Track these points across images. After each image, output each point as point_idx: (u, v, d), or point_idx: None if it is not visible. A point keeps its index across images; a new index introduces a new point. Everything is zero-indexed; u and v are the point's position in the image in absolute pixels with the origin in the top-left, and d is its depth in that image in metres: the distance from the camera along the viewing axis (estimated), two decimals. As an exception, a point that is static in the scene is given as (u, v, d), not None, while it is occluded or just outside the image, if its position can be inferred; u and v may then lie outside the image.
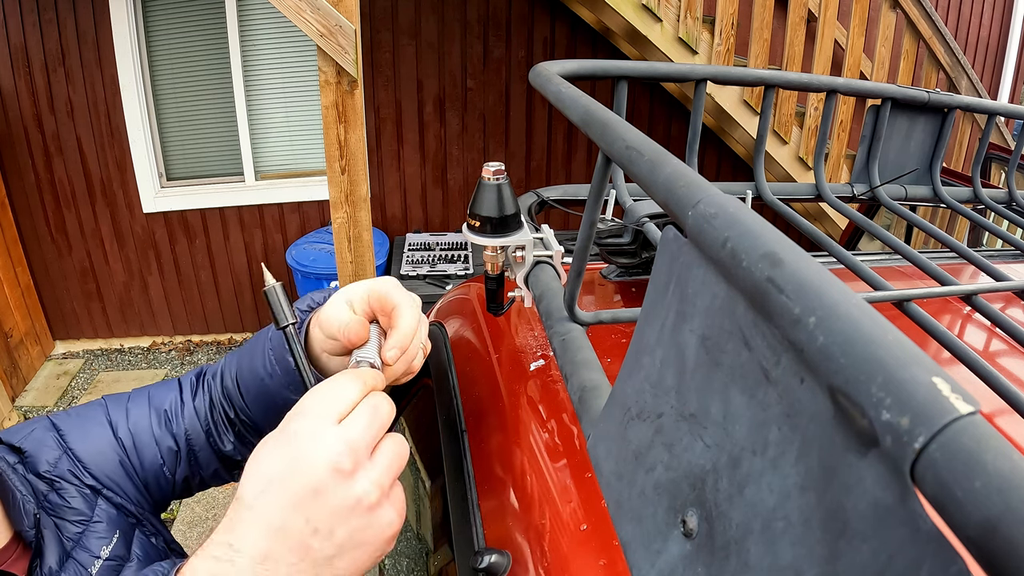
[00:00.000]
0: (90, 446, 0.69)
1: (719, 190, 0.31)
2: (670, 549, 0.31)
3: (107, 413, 0.72)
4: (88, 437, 0.69)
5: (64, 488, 0.66)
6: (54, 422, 0.70)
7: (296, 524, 0.45)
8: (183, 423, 0.72)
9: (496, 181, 0.61)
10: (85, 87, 3.76)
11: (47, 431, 0.69)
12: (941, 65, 3.56)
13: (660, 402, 0.34)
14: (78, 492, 0.66)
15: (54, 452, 0.67)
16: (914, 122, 0.88)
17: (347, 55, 2.32)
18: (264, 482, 0.46)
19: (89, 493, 0.67)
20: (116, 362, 4.29)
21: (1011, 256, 1.13)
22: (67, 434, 0.69)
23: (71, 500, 0.65)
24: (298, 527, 0.45)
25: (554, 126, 4.29)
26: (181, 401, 0.73)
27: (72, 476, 0.67)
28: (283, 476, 0.45)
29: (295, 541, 0.45)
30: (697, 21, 3.23)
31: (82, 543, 0.63)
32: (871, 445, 0.20)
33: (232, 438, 0.72)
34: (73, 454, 0.68)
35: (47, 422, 0.70)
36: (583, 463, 0.65)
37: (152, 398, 0.73)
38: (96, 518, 0.65)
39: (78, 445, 0.68)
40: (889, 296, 0.59)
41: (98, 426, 0.70)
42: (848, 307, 0.22)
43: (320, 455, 0.45)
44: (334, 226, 2.64)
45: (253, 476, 0.47)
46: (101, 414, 0.71)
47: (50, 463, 0.66)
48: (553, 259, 0.65)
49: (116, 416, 0.71)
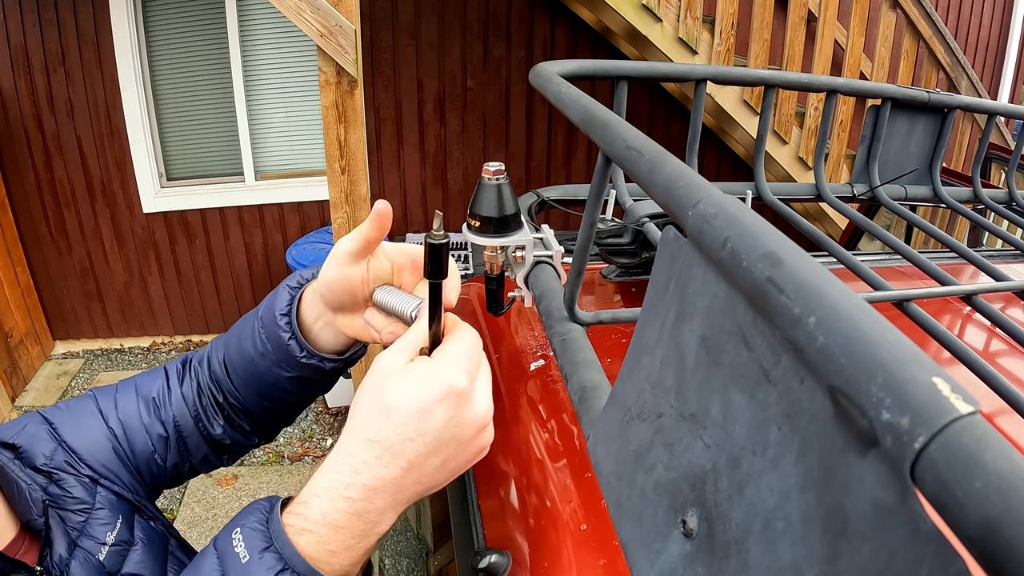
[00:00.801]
0: (84, 437, 0.69)
1: (719, 190, 0.31)
2: (670, 549, 0.31)
3: (97, 404, 0.72)
4: (81, 429, 0.70)
5: (63, 479, 0.66)
6: (45, 416, 0.70)
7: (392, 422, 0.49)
8: (171, 410, 0.72)
9: (496, 181, 0.61)
10: (85, 87, 3.76)
11: (39, 425, 0.69)
12: (941, 65, 3.56)
13: (660, 402, 0.34)
14: (77, 481, 0.67)
15: (49, 445, 0.68)
16: (914, 122, 0.88)
17: (347, 55, 2.32)
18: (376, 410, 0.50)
19: (88, 482, 0.67)
20: (116, 362, 4.29)
21: (1011, 256, 1.13)
22: (59, 427, 0.69)
23: (71, 490, 0.66)
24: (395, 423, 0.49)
25: (554, 126, 4.29)
26: (168, 388, 0.73)
27: (69, 467, 0.67)
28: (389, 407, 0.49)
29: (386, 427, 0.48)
30: (697, 21, 3.23)
31: (86, 531, 0.64)
32: (871, 445, 0.20)
33: (222, 422, 0.72)
34: (68, 446, 0.68)
35: (38, 417, 0.70)
36: (583, 463, 0.65)
37: (139, 387, 0.74)
38: (98, 505, 0.66)
39: (71, 437, 0.69)
40: (889, 296, 0.59)
41: (90, 417, 0.71)
42: (848, 307, 0.22)
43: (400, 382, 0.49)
44: (334, 226, 2.64)
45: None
46: (91, 405, 0.72)
47: (46, 456, 0.67)
48: (553, 259, 0.65)
49: (106, 406, 0.72)
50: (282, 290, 0.68)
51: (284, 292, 0.68)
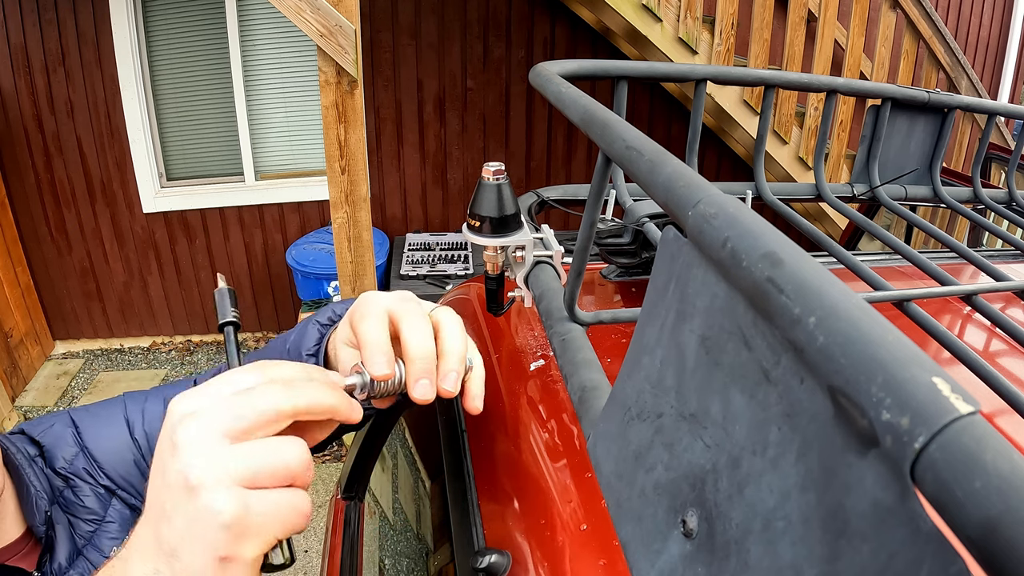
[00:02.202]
0: (106, 445, 0.68)
1: (719, 190, 0.31)
2: (670, 549, 0.31)
3: (125, 412, 0.71)
4: (105, 436, 0.69)
5: (78, 486, 0.66)
6: (73, 418, 0.70)
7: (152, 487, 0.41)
8: None
9: (496, 181, 0.61)
10: (85, 87, 3.76)
11: (66, 427, 0.68)
12: (941, 65, 3.56)
13: (660, 402, 0.34)
14: (92, 491, 0.66)
15: (71, 449, 0.67)
16: (914, 122, 0.88)
17: (347, 55, 2.32)
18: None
19: (104, 493, 0.67)
20: (116, 362, 4.29)
21: (1011, 256, 1.13)
22: (84, 432, 0.69)
23: (84, 499, 0.65)
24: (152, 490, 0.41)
25: (554, 126, 4.29)
26: None
27: (87, 475, 0.67)
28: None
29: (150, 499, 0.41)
30: (697, 21, 3.23)
31: (94, 542, 0.63)
32: (871, 445, 0.20)
33: None
34: (89, 453, 0.68)
35: (67, 418, 0.70)
36: (583, 463, 0.65)
37: (167, 398, 0.72)
38: (109, 518, 0.65)
39: (94, 444, 0.68)
40: (889, 296, 0.59)
41: (115, 426, 0.70)
42: (848, 307, 0.22)
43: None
44: (334, 226, 2.64)
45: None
46: (119, 413, 0.71)
47: (66, 460, 0.66)
48: (553, 259, 0.65)
49: (133, 416, 0.71)
50: (311, 327, 0.64)
51: (313, 330, 0.64)
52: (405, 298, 0.53)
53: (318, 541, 2.86)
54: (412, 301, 0.53)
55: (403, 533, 1.40)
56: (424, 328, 0.50)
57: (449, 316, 0.53)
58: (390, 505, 1.48)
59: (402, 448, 1.51)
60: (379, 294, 0.54)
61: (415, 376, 0.48)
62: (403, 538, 1.39)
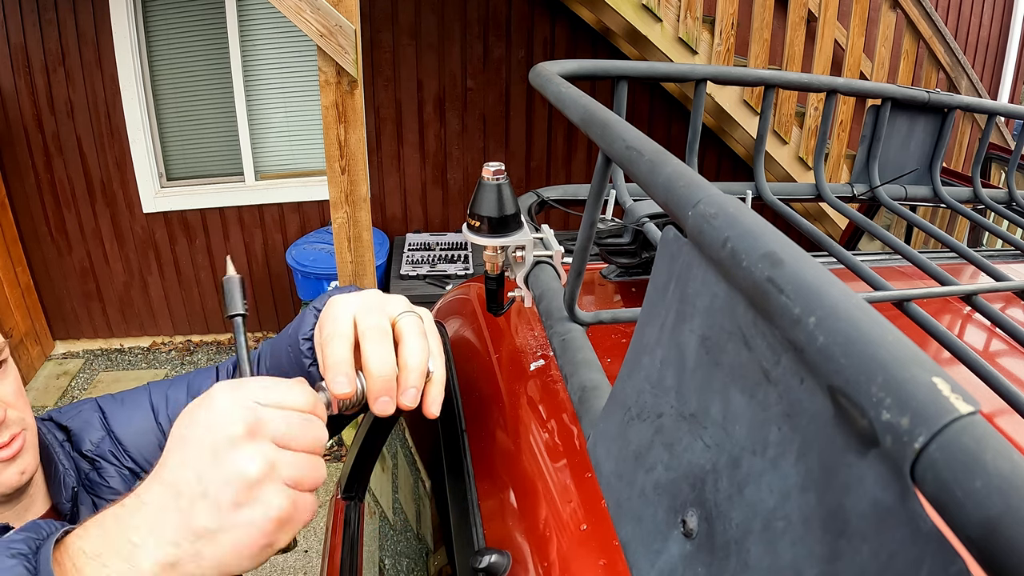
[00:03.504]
0: (132, 429, 0.71)
1: (719, 190, 0.31)
2: (670, 549, 0.31)
3: (150, 398, 0.74)
4: (131, 421, 0.72)
5: (104, 468, 0.69)
6: (100, 404, 0.73)
7: (185, 476, 0.43)
8: None
9: (496, 181, 0.61)
10: (85, 87, 3.76)
11: (93, 412, 0.72)
12: (941, 65, 3.56)
13: (660, 402, 0.34)
14: (117, 472, 0.69)
15: (98, 433, 0.70)
16: (914, 122, 0.88)
17: (347, 55, 2.32)
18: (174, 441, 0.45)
19: (128, 474, 0.70)
20: (116, 362, 4.29)
21: (1011, 256, 1.13)
22: (111, 417, 0.72)
23: (110, 480, 0.68)
24: (187, 479, 0.43)
25: (554, 126, 4.29)
26: None
27: (113, 457, 0.70)
28: (183, 435, 0.44)
29: (180, 490, 0.43)
30: (697, 21, 3.23)
31: None
32: (871, 445, 0.20)
33: None
34: (115, 436, 0.71)
35: (93, 404, 0.73)
36: (583, 463, 0.65)
37: (190, 385, 0.76)
38: None
39: (120, 428, 0.71)
40: (889, 296, 0.59)
41: (141, 410, 0.73)
42: (848, 307, 0.22)
43: (216, 414, 0.44)
44: (334, 226, 2.64)
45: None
46: (145, 399, 0.74)
47: (93, 443, 0.69)
48: (553, 259, 0.65)
49: (157, 402, 0.74)
50: (309, 313, 0.65)
51: (310, 316, 0.65)
52: (369, 308, 0.54)
53: (318, 541, 2.85)
54: (375, 313, 0.54)
55: (403, 533, 1.40)
56: (384, 346, 0.53)
57: (411, 327, 0.55)
58: (390, 505, 1.48)
59: (402, 448, 1.51)
60: (347, 301, 0.55)
61: (375, 394, 0.52)
62: (403, 538, 1.39)
